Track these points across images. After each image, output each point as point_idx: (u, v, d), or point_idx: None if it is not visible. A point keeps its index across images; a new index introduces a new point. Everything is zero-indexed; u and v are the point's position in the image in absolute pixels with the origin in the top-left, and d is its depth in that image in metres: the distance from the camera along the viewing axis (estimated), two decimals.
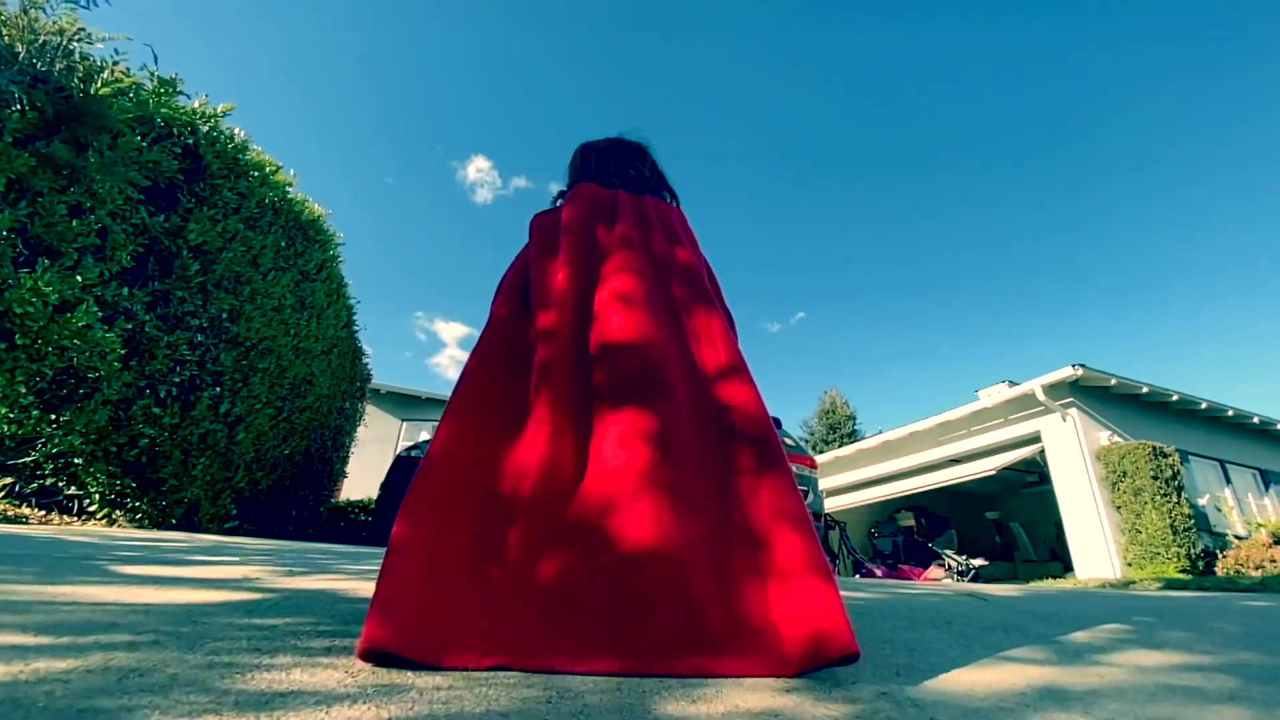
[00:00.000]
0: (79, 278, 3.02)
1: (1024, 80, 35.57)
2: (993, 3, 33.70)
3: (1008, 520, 14.26)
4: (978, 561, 11.10)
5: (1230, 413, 10.89)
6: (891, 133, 40.76)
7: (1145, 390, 10.08)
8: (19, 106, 2.67)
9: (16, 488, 3.84)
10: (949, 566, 11.03)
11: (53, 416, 3.30)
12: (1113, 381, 9.77)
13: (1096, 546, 9.13)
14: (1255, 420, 11.23)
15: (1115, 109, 35.41)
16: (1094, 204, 39.70)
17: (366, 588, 1.11)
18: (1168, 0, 29.53)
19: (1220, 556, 8.68)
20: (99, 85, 2.77)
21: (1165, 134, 34.08)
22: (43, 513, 4.03)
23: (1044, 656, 0.98)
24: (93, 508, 3.97)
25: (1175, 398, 10.33)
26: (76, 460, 3.73)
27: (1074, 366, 9.44)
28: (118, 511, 4.04)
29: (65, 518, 4.09)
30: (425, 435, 13.35)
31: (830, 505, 14.51)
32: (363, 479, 11.03)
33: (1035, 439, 10.55)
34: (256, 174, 4.22)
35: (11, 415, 3.30)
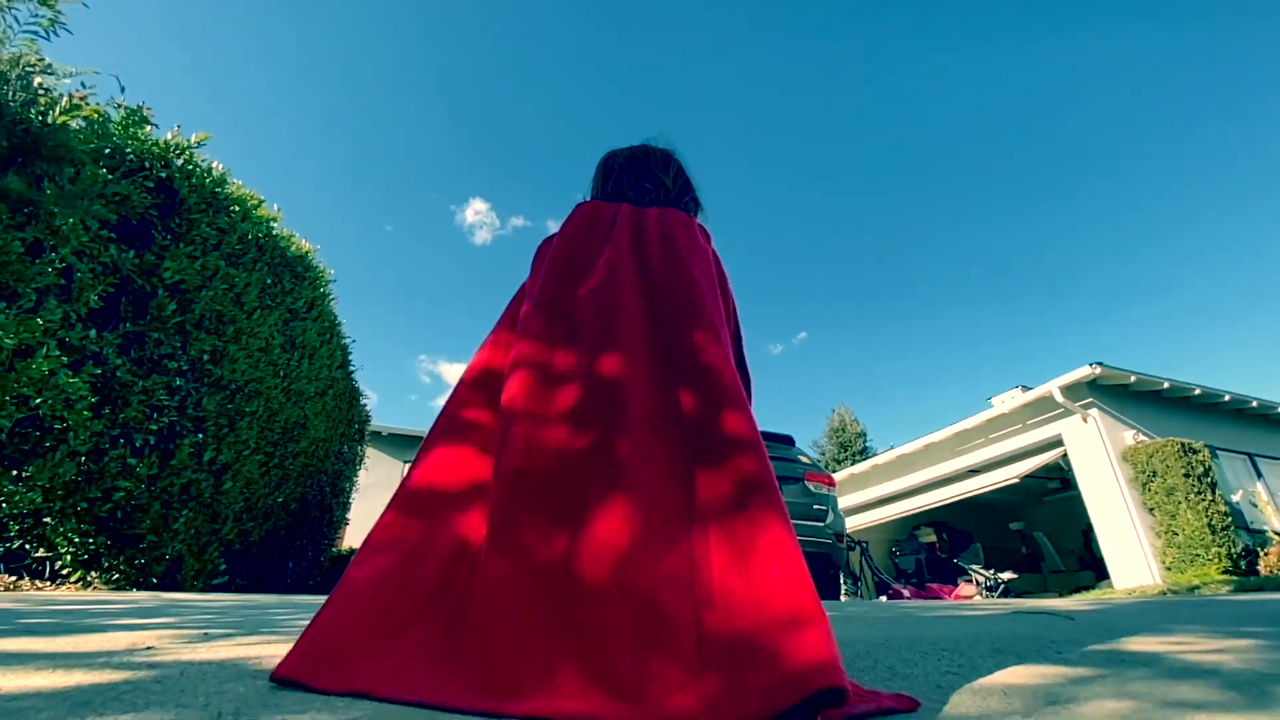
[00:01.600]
0: (39, 320, 2.81)
1: (1016, 75, 36.02)
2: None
3: (1031, 530, 13.80)
4: (1006, 575, 10.66)
5: (1255, 404, 10.57)
6: (882, 141, 41.18)
7: (1166, 386, 9.79)
8: None
9: None
10: (978, 582, 10.59)
11: (15, 472, 3.06)
12: (1132, 379, 9.49)
13: (1132, 552, 8.73)
14: None
15: (1110, 100, 35.77)
16: (1088, 206, 39.88)
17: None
18: None
19: (1262, 554, 8.28)
20: (56, 113, 2.60)
21: (1160, 130, 34.32)
22: (13, 578, 3.76)
23: (1223, 697, 0.73)
24: (65, 570, 3.70)
25: (1198, 391, 10.04)
26: (47, 519, 3.48)
27: (1092, 365, 9.17)
28: (93, 573, 3.76)
29: (38, 583, 3.82)
30: None
31: (848, 525, 14.08)
32: (366, 526, 10.61)
33: (1057, 443, 10.22)
34: (237, 209, 4.05)
35: None
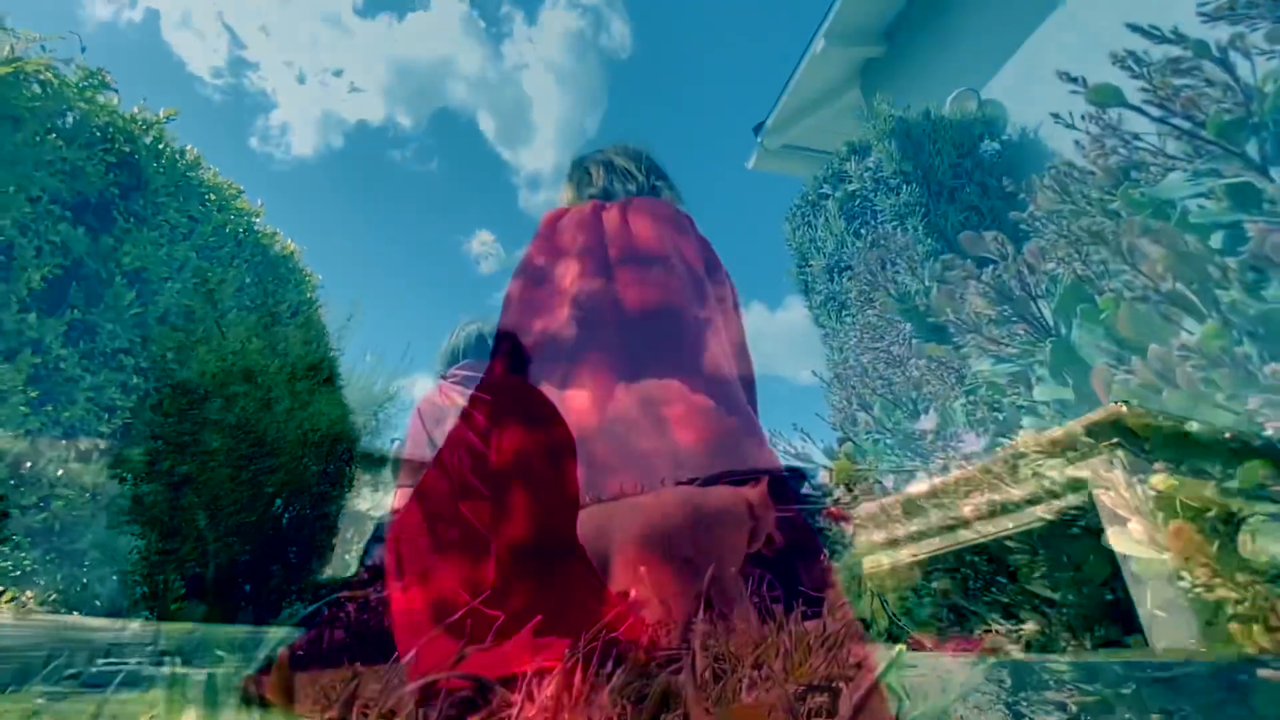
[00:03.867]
0: None
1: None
2: None
3: (1051, 579, 13.14)
4: (1029, 626, 10.04)
5: None
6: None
7: (1197, 427, 9.33)
8: None
9: None
10: (999, 633, 9.96)
11: None
12: (1162, 418, 9.04)
13: (1168, 605, 8.14)
14: None
15: None
16: None
17: None
18: None
19: None
20: None
21: None
22: None
23: None
24: None
25: (1229, 434, 9.56)
26: None
27: (1117, 403, 8.75)
28: (29, 591, 3.37)
29: None
30: None
31: None
32: (353, 551, 10.19)
33: (1080, 485, 9.72)
34: (213, 197, 3.78)
35: None
